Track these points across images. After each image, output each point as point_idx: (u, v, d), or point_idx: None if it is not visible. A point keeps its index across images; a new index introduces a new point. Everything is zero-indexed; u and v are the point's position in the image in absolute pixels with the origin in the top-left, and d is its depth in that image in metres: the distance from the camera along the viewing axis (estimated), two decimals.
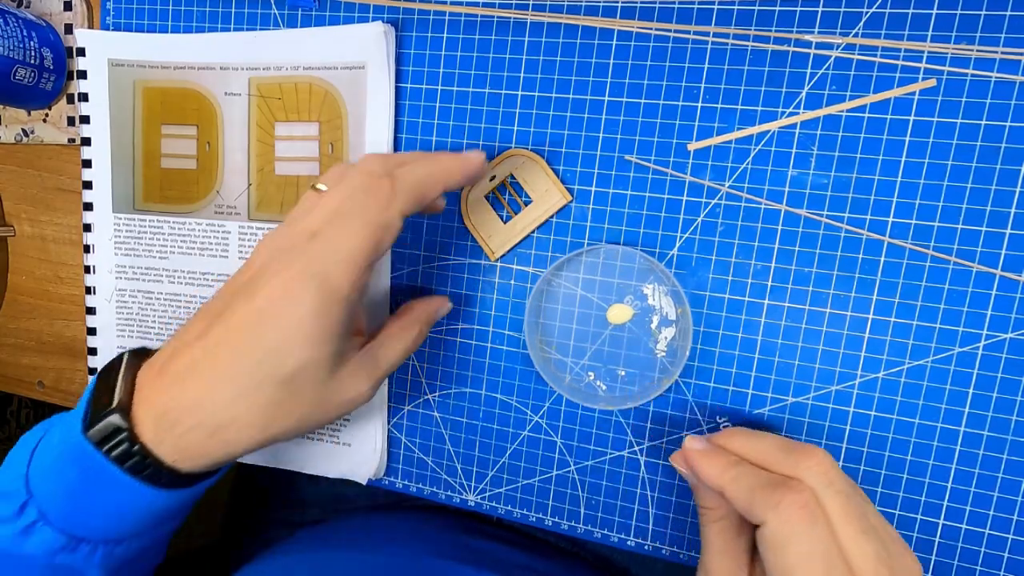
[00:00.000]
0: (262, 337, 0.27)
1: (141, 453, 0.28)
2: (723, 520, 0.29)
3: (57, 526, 0.29)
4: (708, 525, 0.29)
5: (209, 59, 0.39)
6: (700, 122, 0.33)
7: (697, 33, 0.32)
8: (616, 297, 0.35)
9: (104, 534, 0.29)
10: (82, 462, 0.28)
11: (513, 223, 0.36)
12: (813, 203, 0.32)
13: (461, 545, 0.42)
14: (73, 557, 0.29)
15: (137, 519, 0.29)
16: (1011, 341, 0.30)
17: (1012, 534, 0.31)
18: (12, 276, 0.47)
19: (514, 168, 0.35)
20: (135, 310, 0.43)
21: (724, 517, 0.29)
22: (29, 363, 0.48)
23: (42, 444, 0.30)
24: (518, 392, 0.37)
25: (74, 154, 0.44)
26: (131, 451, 0.27)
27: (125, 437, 0.27)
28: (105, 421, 0.28)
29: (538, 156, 0.35)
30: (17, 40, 0.39)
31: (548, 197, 0.35)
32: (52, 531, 0.28)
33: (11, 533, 0.28)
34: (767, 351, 0.33)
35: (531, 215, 0.35)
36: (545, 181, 0.35)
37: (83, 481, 0.28)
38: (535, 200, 0.35)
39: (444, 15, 0.36)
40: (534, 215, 0.35)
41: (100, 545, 0.29)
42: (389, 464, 0.40)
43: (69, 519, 0.29)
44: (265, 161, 0.39)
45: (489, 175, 0.36)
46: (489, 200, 0.36)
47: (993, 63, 0.29)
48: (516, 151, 0.35)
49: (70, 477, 0.28)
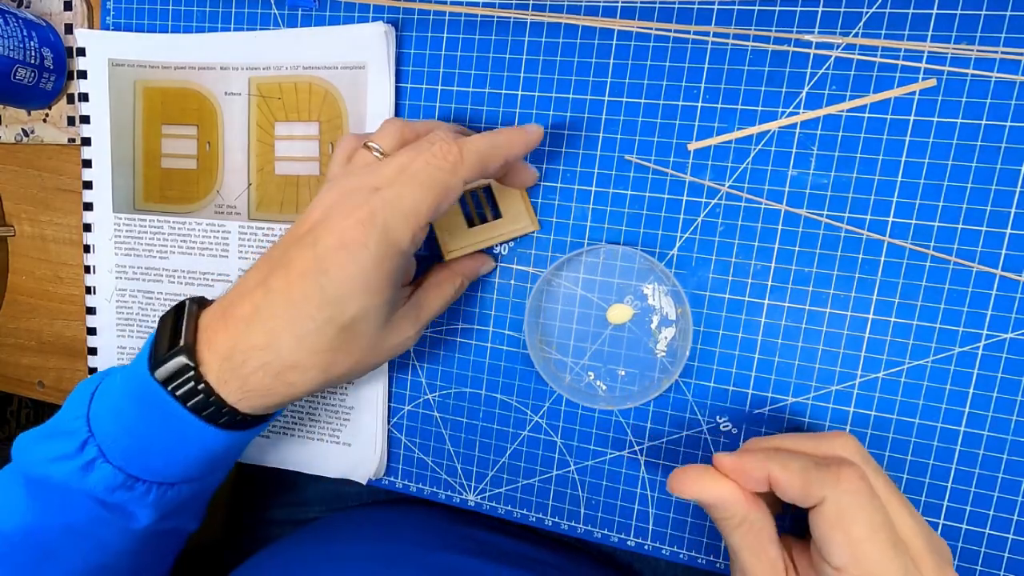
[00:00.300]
0: (324, 285, 0.28)
1: (206, 392, 0.29)
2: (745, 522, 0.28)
3: (116, 463, 0.30)
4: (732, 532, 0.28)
5: (209, 59, 0.39)
6: (700, 122, 0.33)
7: (697, 33, 0.32)
8: (616, 297, 0.35)
9: (160, 475, 0.31)
10: (145, 400, 0.29)
11: (476, 231, 0.36)
12: (813, 203, 0.32)
13: (467, 536, 0.42)
14: (129, 495, 0.31)
15: (192, 460, 0.31)
16: (1011, 341, 0.30)
17: (1012, 534, 0.31)
18: (12, 276, 0.47)
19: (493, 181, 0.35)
20: (135, 310, 0.43)
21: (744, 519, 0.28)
22: (29, 363, 0.48)
23: (102, 387, 0.31)
24: (518, 392, 0.37)
25: (74, 154, 0.44)
26: (196, 389, 0.29)
27: (192, 376, 0.29)
28: (173, 360, 0.29)
29: None
30: (17, 40, 0.39)
31: (518, 219, 0.35)
32: (111, 468, 0.30)
33: (73, 468, 0.30)
34: (767, 351, 0.33)
35: (496, 230, 0.35)
36: (519, 204, 0.35)
37: (144, 420, 0.30)
38: (504, 217, 0.35)
39: (444, 15, 0.36)
40: (499, 231, 0.35)
41: (154, 486, 0.31)
42: (389, 464, 0.40)
43: (127, 458, 0.30)
44: (265, 161, 0.39)
45: None
46: (460, 201, 0.36)
47: (993, 63, 0.29)
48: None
49: (130, 416, 0.30)
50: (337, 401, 0.40)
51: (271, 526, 0.53)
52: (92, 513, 0.31)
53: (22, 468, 0.31)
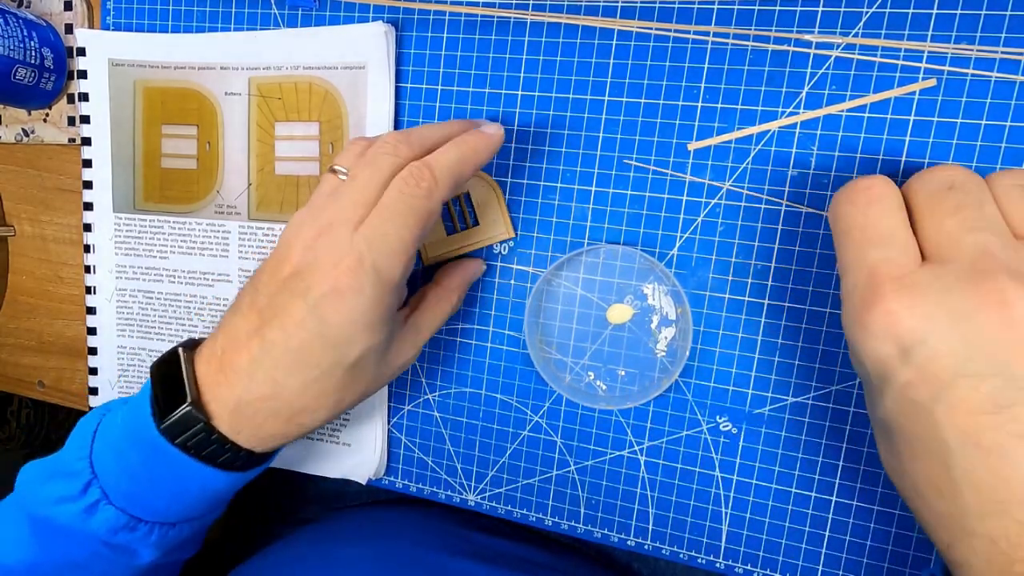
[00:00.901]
0: (324, 333, 0.28)
1: (219, 442, 0.29)
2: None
3: (119, 505, 0.30)
4: None
5: (209, 59, 0.39)
6: (700, 122, 0.33)
7: (697, 33, 0.32)
8: (616, 297, 0.35)
9: (162, 516, 0.31)
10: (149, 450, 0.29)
11: (454, 238, 0.36)
12: (813, 203, 0.32)
13: (463, 538, 0.42)
14: (132, 536, 0.31)
15: (195, 501, 0.31)
16: None
17: None
18: (12, 276, 0.47)
19: (473, 189, 0.36)
20: (135, 310, 0.43)
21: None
22: (29, 363, 0.48)
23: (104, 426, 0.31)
24: (518, 392, 0.37)
25: (74, 154, 0.44)
26: (209, 439, 0.29)
27: (202, 428, 0.29)
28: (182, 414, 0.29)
29: (496, 185, 0.35)
30: (17, 40, 0.39)
31: (494, 227, 0.36)
32: (114, 511, 0.30)
33: (76, 511, 0.30)
34: (767, 351, 0.33)
35: (473, 236, 0.36)
36: (496, 211, 0.36)
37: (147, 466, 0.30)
38: (481, 224, 0.36)
39: (444, 15, 0.36)
40: (476, 238, 0.36)
41: (156, 527, 0.31)
42: (389, 464, 0.40)
43: (130, 500, 0.30)
44: (265, 161, 0.39)
45: None
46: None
47: (993, 63, 0.29)
48: (479, 175, 0.35)
49: (133, 461, 0.30)
50: None
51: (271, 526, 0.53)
52: (96, 552, 0.31)
53: (27, 506, 0.32)
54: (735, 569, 0.35)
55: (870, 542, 0.33)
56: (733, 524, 0.35)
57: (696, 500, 0.35)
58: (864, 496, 0.33)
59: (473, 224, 0.36)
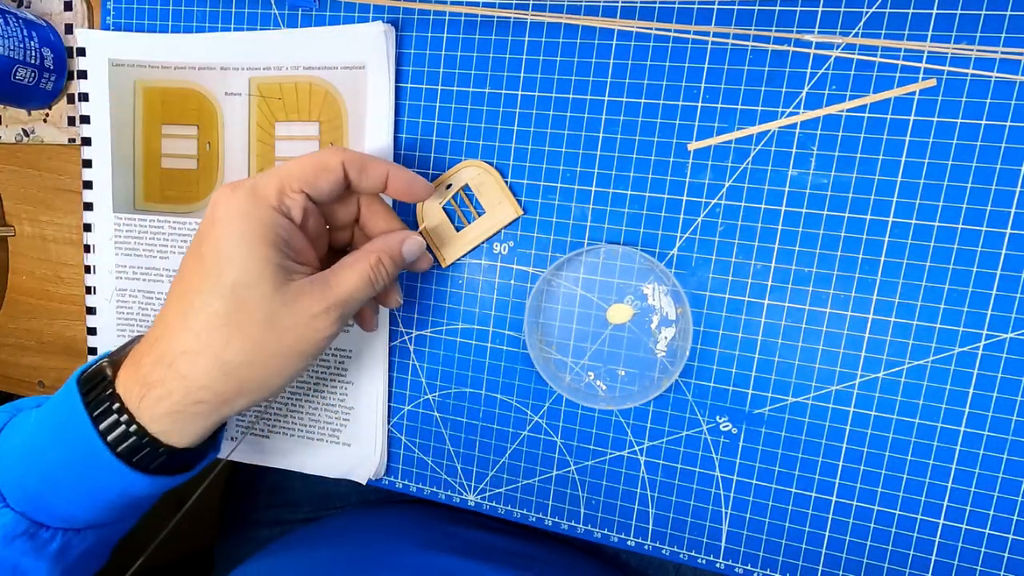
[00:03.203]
0: (199, 254, 0.28)
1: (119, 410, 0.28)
2: None
3: (18, 510, 0.29)
4: None
5: (209, 59, 0.39)
6: (700, 122, 0.33)
7: (697, 33, 0.32)
8: (616, 297, 0.35)
9: (68, 521, 0.29)
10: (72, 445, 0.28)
11: (465, 232, 0.36)
12: (813, 203, 0.32)
13: (451, 535, 0.42)
14: (29, 545, 0.29)
15: (104, 504, 0.29)
16: (1011, 341, 0.30)
17: (1012, 534, 0.31)
18: (12, 276, 0.47)
19: (470, 179, 0.36)
20: (135, 310, 0.43)
21: None
22: (29, 363, 0.48)
23: (11, 427, 0.30)
24: (518, 392, 0.37)
25: (74, 154, 0.44)
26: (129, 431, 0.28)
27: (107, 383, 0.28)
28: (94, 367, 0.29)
29: (493, 169, 0.35)
30: (17, 40, 0.39)
31: (500, 210, 0.36)
32: (12, 515, 0.29)
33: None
34: (767, 351, 0.33)
35: (483, 225, 0.36)
36: (499, 194, 0.35)
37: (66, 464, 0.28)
38: (487, 211, 0.36)
39: (444, 15, 0.36)
40: (486, 226, 0.36)
41: (59, 533, 0.30)
42: (389, 464, 0.40)
43: (34, 503, 0.29)
44: (265, 161, 0.39)
45: (445, 184, 0.36)
46: (445, 209, 0.37)
47: (993, 63, 0.29)
48: (471, 163, 0.36)
49: (50, 459, 0.28)
50: (337, 401, 0.40)
51: (260, 528, 0.53)
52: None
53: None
54: (735, 569, 0.35)
55: (870, 542, 0.33)
56: (733, 524, 0.35)
57: (696, 500, 0.35)
58: (864, 496, 0.33)
59: (480, 214, 0.36)
